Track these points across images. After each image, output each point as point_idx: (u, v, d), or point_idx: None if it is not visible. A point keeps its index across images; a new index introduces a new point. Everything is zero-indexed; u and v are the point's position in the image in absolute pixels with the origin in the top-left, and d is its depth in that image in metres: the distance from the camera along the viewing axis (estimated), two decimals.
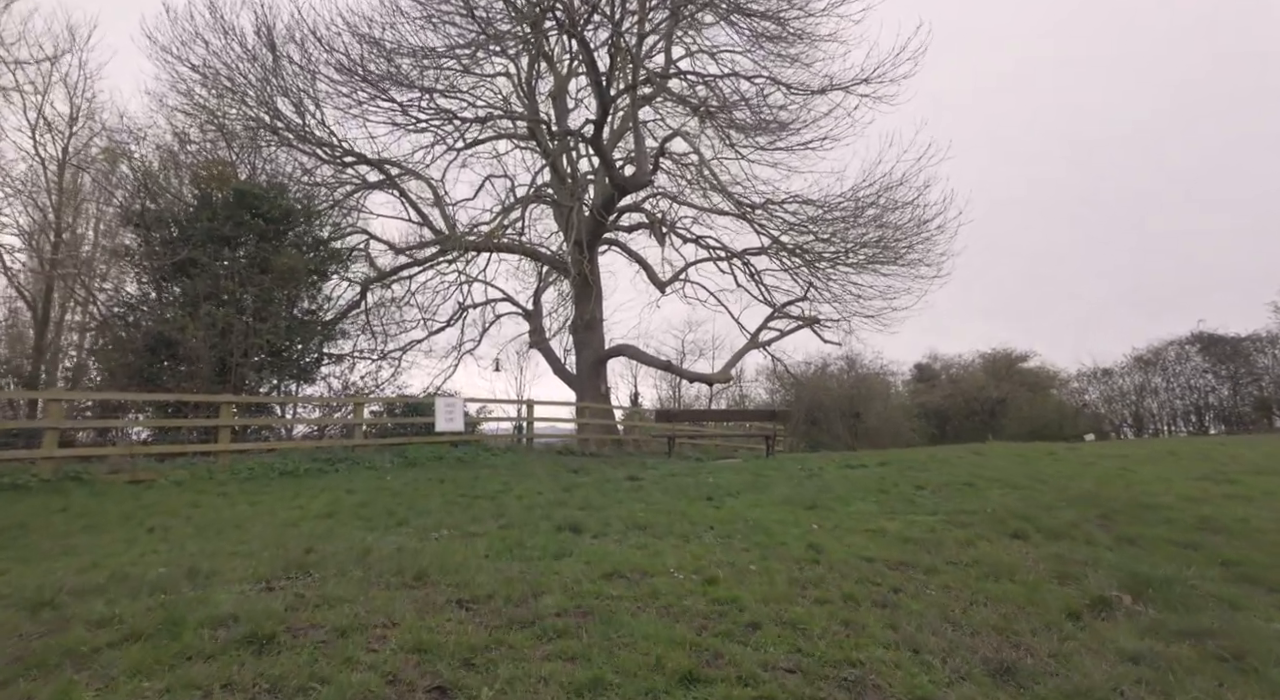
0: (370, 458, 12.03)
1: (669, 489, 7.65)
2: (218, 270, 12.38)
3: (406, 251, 20.10)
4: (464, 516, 5.87)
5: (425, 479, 9.25)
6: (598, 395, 19.23)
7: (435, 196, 17.98)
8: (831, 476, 8.32)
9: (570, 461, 12.41)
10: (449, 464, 11.70)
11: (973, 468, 8.66)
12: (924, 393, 30.18)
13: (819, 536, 4.63)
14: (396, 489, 8.21)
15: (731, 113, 13.59)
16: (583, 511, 6.01)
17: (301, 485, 8.87)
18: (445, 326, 21.22)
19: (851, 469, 9.50)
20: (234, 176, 13.83)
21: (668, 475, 9.30)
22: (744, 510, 5.78)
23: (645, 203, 18.99)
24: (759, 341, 18.94)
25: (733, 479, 8.52)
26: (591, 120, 15.74)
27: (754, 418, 13.50)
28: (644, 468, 10.59)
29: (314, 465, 11.03)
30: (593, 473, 9.90)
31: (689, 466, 10.44)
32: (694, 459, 11.78)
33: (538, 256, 21.11)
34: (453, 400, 13.38)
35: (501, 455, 13.54)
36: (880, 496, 6.42)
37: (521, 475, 9.64)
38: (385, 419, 14.20)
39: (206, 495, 8.01)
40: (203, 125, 14.04)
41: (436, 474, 9.95)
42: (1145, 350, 25.97)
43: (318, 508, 6.86)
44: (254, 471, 10.26)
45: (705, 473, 9.44)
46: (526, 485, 8.49)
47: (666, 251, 16.76)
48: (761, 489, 7.36)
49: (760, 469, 9.78)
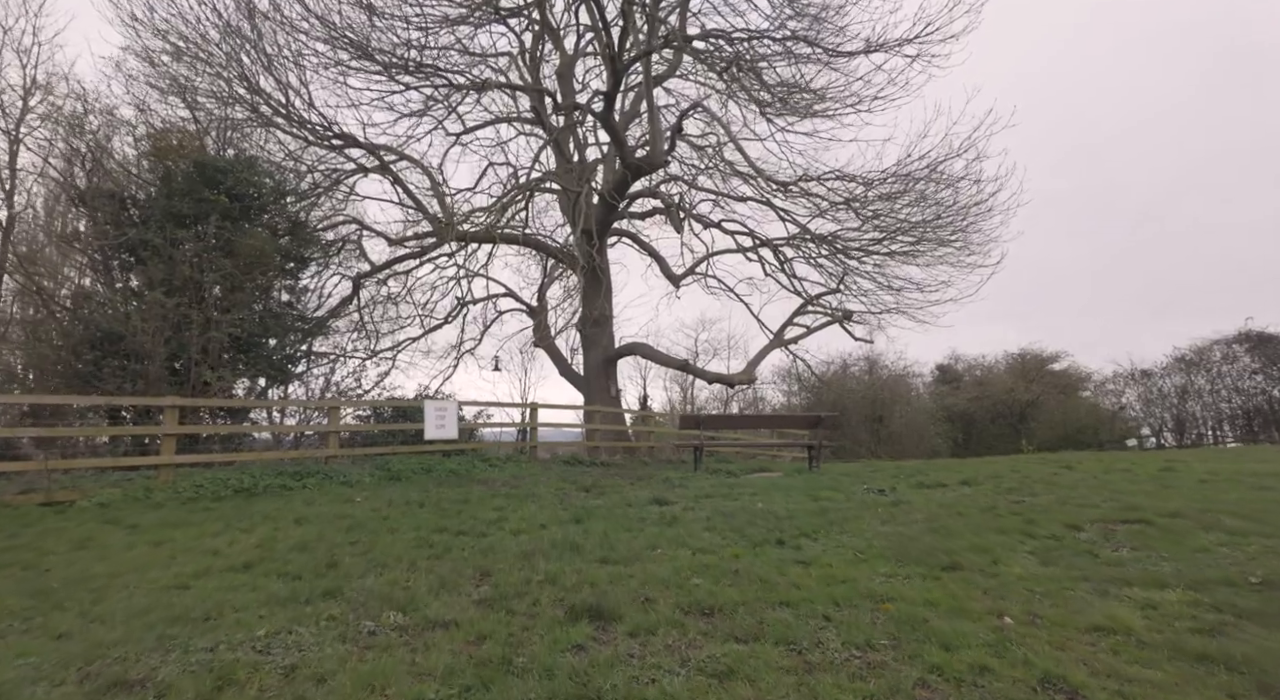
0: (346, 471, 10.10)
1: (713, 521, 5.68)
2: (173, 254, 10.46)
3: (402, 242, 18.22)
4: (430, 578, 3.92)
5: (402, 501, 7.30)
6: (608, 398, 17.27)
7: (432, 183, 16.05)
8: (918, 503, 6.33)
9: (579, 474, 10.45)
10: (437, 479, 9.75)
11: (1103, 489, 6.66)
12: (948, 395, 28.10)
13: (1026, 645, 2.61)
14: (360, 518, 6.26)
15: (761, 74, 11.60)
16: (605, 567, 4.05)
17: (246, 510, 6.93)
18: (443, 323, 19.32)
19: (930, 489, 7.52)
20: (200, 149, 11.93)
21: (701, 496, 7.33)
22: (847, 570, 3.81)
23: (660, 188, 17.05)
24: (784, 339, 16.96)
25: (787, 504, 6.55)
26: (602, 92, 13.84)
27: (793, 424, 11.50)
28: (668, 485, 8.63)
29: (277, 480, 9.12)
30: (608, 492, 7.93)
31: (722, 483, 8.48)
32: (724, 473, 9.82)
33: (543, 248, 19.19)
34: (445, 404, 11.44)
35: (500, 466, 11.59)
36: (1031, 543, 4.43)
37: (521, 496, 7.68)
38: (367, 424, 12.27)
39: (114, 526, 6.08)
40: (165, 92, 12.15)
41: (418, 493, 8.00)
42: (1188, 349, 23.92)
43: (241, 551, 4.91)
44: (201, 489, 8.35)
45: (746, 492, 7.47)
46: (526, 512, 6.53)
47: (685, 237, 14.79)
48: (840, 523, 5.38)
49: (812, 487, 7.81)
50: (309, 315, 13.70)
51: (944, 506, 5.98)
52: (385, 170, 15.53)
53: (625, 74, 13.95)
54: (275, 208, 12.42)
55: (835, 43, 11.63)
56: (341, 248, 18.74)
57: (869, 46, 11.61)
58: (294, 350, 13.09)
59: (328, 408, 10.88)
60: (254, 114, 12.50)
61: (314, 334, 13.58)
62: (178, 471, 9.22)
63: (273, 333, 12.34)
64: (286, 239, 12.49)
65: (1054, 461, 9.88)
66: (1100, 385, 26.37)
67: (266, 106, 12.50)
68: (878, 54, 11.68)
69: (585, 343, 18.36)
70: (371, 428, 12.05)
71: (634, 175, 15.05)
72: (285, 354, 12.89)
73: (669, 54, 14.98)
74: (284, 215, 12.63)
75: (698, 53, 12.33)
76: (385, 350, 18.38)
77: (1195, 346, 23.66)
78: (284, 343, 12.59)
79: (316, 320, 14.15)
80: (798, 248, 15.54)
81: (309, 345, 13.84)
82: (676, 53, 15.25)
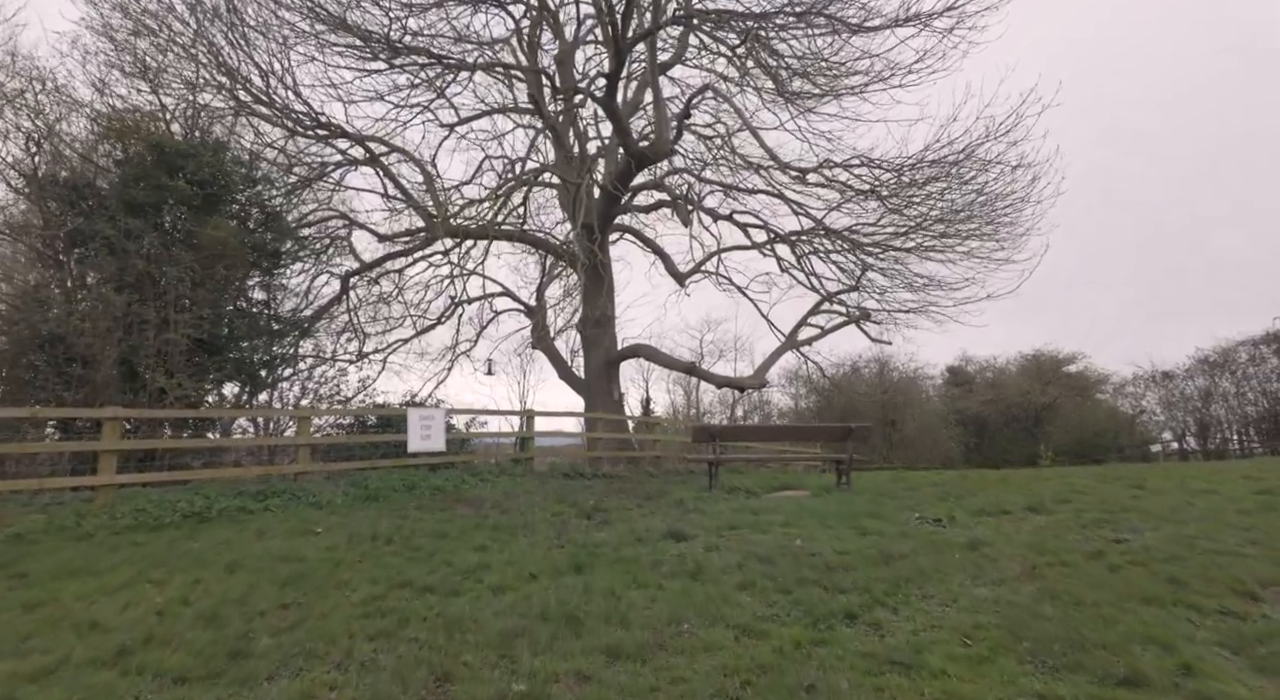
0: (318, 489, 8.85)
1: (748, 570, 4.43)
2: (126, 246, 9.22)
3: (393, 239, 16.98)
4: (362, 688, 2.66)
5: (368, 535, 6.05)
6: (610, 402, 16.01)
7: (424, 175, 14.76)
8: (998, 544, 5.07)
9: (579, 491, 9.20)
10: (419, 499, 8.50)
11: (1219, 523, 5.40)
12: (960, 398, 26.84)
13: None
14: (310, 562, 5.01)
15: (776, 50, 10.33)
16: (613, 668, 2.80)
17: (180, 547, 5.69)
18: (436, 324, 18.05)
19: (992, 517, 6.26)
20: (165, 133, 10.70)
21: (724, 527, 6.08)
22: (971, 681, 2.56)
23: (665, 180, 15.82)
24: (797, 340, 15.71)
25: (833, 541, 5.30)
26: (604, 73, 12.62)
27: (821, 436, 10.18)
28: (682, 509, 7.37)
29: (235, 502, 7.90)
30: (613, 520, 6.67)
31: (745, 507, 7.22)
32: (743, 492, 8.56)
33: (541, 245, 17.95)
34: (431, 412, 10.18)
35: (493, 481, 10.34)
36: (1204, 621, 3.16)
37: (511, 526, 6.42)
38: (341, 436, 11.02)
39: (6, 570, 4.83)
40: (127, 72, 10.91)
41: (392, 521, 6.75)
42: (1211, 351, 22.66)
43: (131, 622, 3.66)
44: (143, 515, 7.10)
45: (776, 522, 6.21)
46: (514, 551, 5.28)
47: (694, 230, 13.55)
48: (916, 580, 4.13)
49: (851, 513, 6.56)
50: (286, 315, 12.46)
51: (1034, 550, 4.72)
52: (375, 163, 14.25)
53: (629, 55, 12.72)
54: (248, 197, 11.18)
55: (860, 18, 10.40)
56: (330, 246, 17.57)
57: (897, 20, 10.37)
58: (270, 354, 11.85)
59: (297, 417, 9.62)
60: (231, 100, 11.23)
61: (291, 335, 12.33)
62: (121, 493, 7.99)
63: (244, 335, 11.11)
64: (260, 232, 11.25)
65: (1116, 478, 8.62)
66: (1119, 388, 25.14)
67: (245, 92, 11.23)
68: (907, 27, 10.44)
69: (586, 344, 17.11)
70: (348, 439, 10.80)
71: (638, 165, 13.83)
72: (260, 358, 11.65)
73: (676, 33, 13.76)
74: (258, 206, 11.39)
75: (710, 27, 11.07)
76: (375, 353, 17.17)
77: (1219, 347, 22.44)
78: (256, 345, 11.35)
79: (294, 321, 12.90)
80: (810, 243, 14.30)
81: (289, 349, 12.58)
82: (684, 33, 14.04)
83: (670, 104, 15.44)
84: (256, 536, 6.17)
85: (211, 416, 10.01)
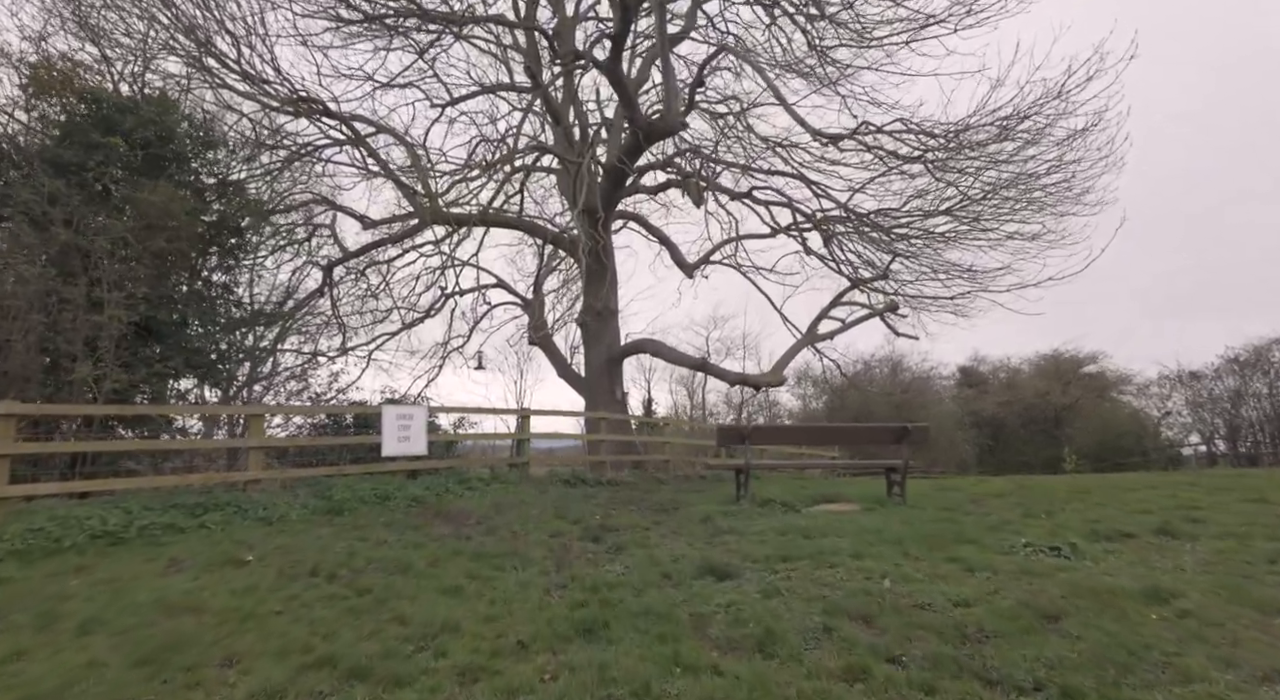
0: (271, 500, 7.32)
1: (839, 632, 2.95)
2: (49, 212, 7.68)
3: (378, 225, 15.45)
4: None
5: (307, 568, 4.53)
6: (612, 401, 14.50)
7: (412, 157, 13.21)
8: (1174, 584, 3.57)
9: (583, 503, 7.69)
10: (390, 512, 6.97)
11: None
12: (974, 399, 25.39)
13: None
14: (212, 613, 3.50)
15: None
16: None
17: (58, 584, 4.19)
18: (425, 317, 16.50)
19: (1114, 541, 4.77)
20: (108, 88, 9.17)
21: (778, 557, 4.56)
22: None
23: (675, 159, 14.35)
24: (818, 334, 14.23)
25: (934, 580, 3.81)
26: (607, 34, 11.17)
27: (870, 438, 8.53)
28: (710, 528, 5.85)
29: (164, 518, 6.39)
30: (628, 543, 5.15)
31: (790, 526, 5.71)
32: (779, 505, 7.05)
33: (539, 233, 16.44)
34: (410, 410, 8.65)
35: (482, 490, 8.80)
36: None
37: (498, 553, 4.89)
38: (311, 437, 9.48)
39: None
40: (66, 24, 9.37)
41: (346, 544, 5.23)
42: (1242, 350, 21.25)
43: None
44: (40, 535, 5.60)
45: (843, 552, 4.71)
46: (499, 593, 3.78)
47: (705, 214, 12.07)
48: (1119, 648, 2.63)
49: (928, 536, 5.06)
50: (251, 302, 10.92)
51: (1252, 605, 3.22)
52: (359, 142, 12.70)
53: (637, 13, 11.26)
54: (203, 165, 9.66)
55: None
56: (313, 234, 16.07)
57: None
58: (231, 345, 10.31)
59: (245, 416, 8.07)
60: (195, 67, 9.65)
61: (261, 326, 10.80)
62: (27, 506, 6.49)
63: (201, 322, 9.57)
64: (218, 204, 9.72)
65: (1224, 489, 7.13)
66: (1143, 388, 23.70)
67: (213, 58, 9.66)
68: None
69: (587, 339, 15.59)
70: (311, 441, 9.25)
71: (646, 139, 12.34)
72: (220, 350, 10.11)
73: None
74: (214, 175, 9.87)
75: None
76: (357, 347, 15.63)
77: (1251, 346, 21.02)
78: (213, 334, 9.81)
79: (262, 311, 11.37)
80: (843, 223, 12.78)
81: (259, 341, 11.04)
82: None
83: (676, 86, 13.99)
84: (164, 569, 4.64)
85: (132, 414, 8.34)
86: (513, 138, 10.89)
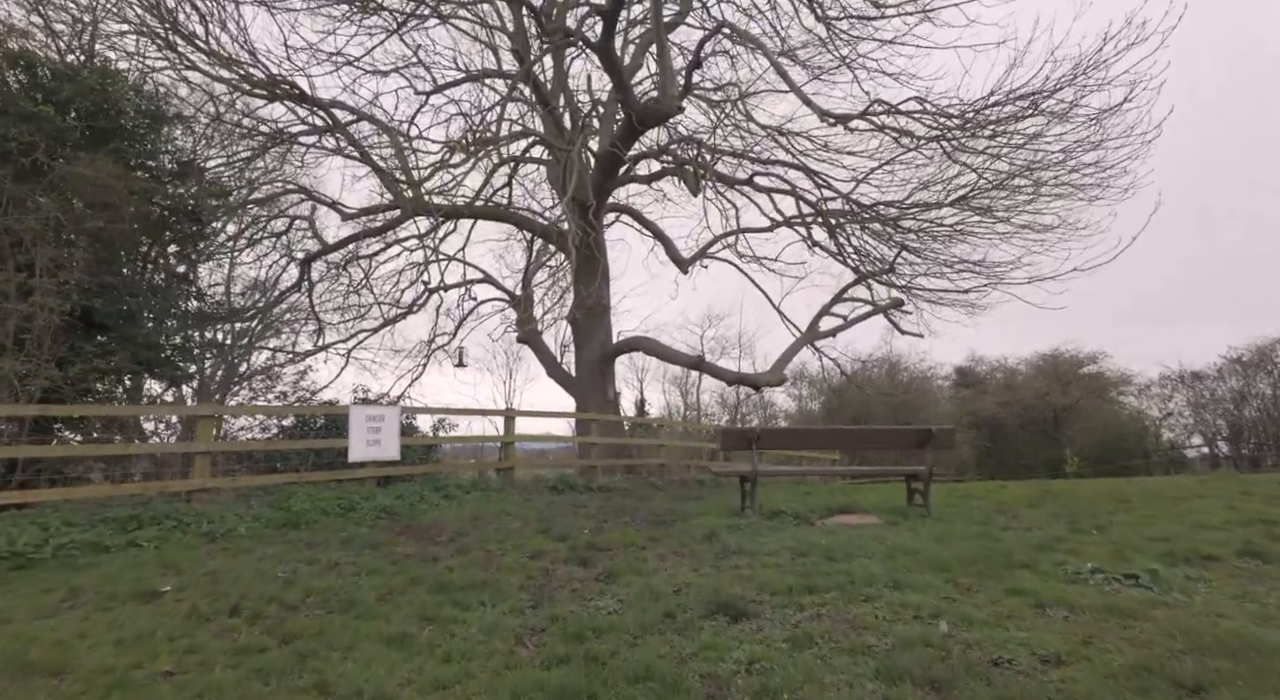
0: (221, 512, 6.49)
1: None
2: None
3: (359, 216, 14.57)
4: None
5: (225, 607, 3.68)
6: (604, 401, 13.69)
7: (393, 143, 12.31)
8: None
9: (570, 515, 6.88)
10: (353, 526, 6.14)
11: None
12: (972, 400, 24.75)
13: None
14: (89, 672, 2.66)
15: None
16: None
17: None
18: (407, 313, 15.63)
19: (1193, 565, 4.02)
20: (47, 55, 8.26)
21: (802, 587, 3.76)
22: None
23: (670, 147, 13.55)
24: (819, 331, 13.50)
25: (1003, 622, 3.04)
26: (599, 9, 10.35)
27: (891, 442, 7.70)
28: (717, 546, 5.04)
29: (86, 535, 5.58)
30: (621, 569, 4.32)
31: (807, 543, 4.92)
32: (790, 517, 6.25)
33: (527, 225, 15.62)
34: (381, 411, 7.79)
35: (459, 499, 7.97)
36: None
37: (466, 583, 4.05)
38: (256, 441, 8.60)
39: None
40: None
41: (287, 568, 4.40)
42: (1245, 350, 20.73)
43: None
44: None
45: (872, 574, 3.93)
46: (459, 641, 2.95)
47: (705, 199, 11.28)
48: None
49: (974, 559, 4.29)
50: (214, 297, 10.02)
51: None
52: (339, 129, 11.79)
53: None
54: (155, 143, 8.76)
55: None
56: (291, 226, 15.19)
57: None
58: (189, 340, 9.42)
59: (189, 417, 7.19)
60: (159, 43, 8.70)
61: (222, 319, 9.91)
62: None
63: (155, 315, 8.67)
64: (172, 185, 8.82)
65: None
66: (1144, 389, 23.14)
67: (179, 37, 8.70)
68: None
69: (578, 336, 14.78)
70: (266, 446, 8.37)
71: (640, 124, 11.56)
72: (179, 345, 9.22)
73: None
74: (168, 153, 8.97)
75: None
76: (335, 344, 14.74)
77: (1255, 346, 20.50)
78: (166, 328, 8.92)
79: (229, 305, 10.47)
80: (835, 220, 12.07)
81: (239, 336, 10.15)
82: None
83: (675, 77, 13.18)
84: (56, 604, 3.79)
85: (55, 414, 7.37)
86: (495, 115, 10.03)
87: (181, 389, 9.77)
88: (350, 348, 15.26)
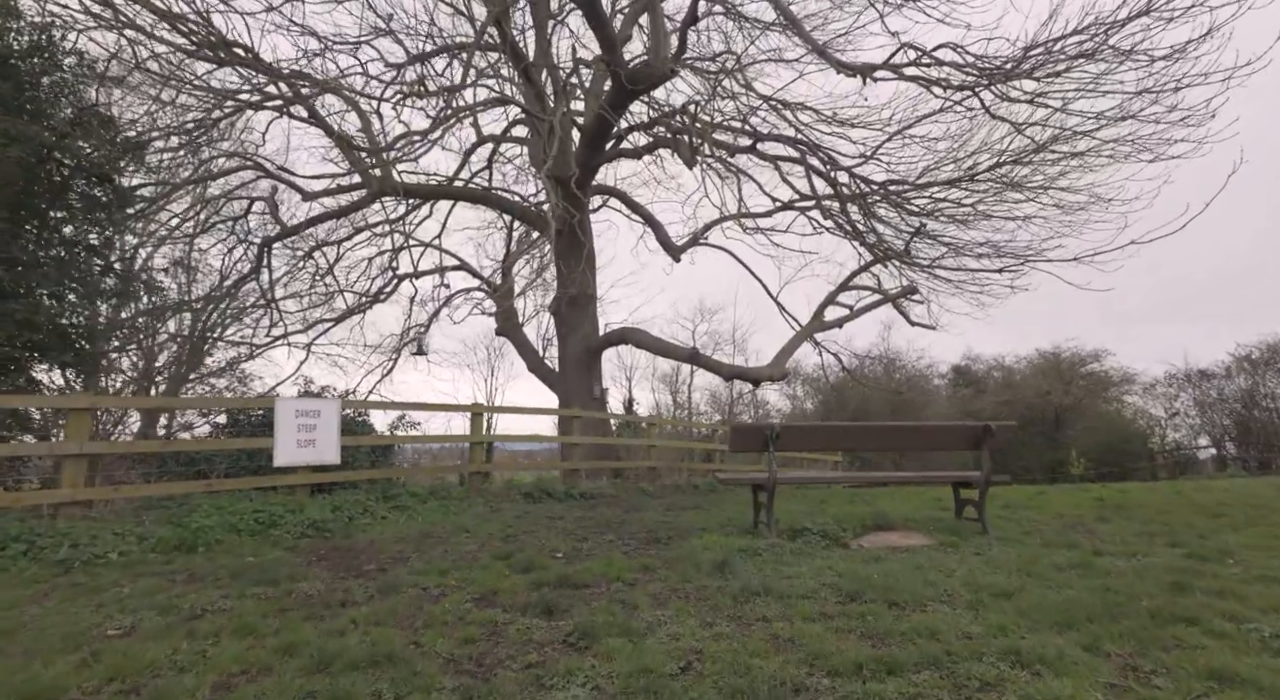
0: (94, 532, 5.04)
1: None
2: None
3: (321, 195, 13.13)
4: None
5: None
6: (590, 400, 12.34)
7: (359, 116, 10.83)
8: None
9: (543, 532, 5.52)
10: (267, 549, 4.75)
11: None
12: (971, 399, 23.68)
13: None
14: None
15: None
16: None
17: None
18: (374, 301, 14.18)
19: None
20: None
21: (875, 667, 2.43)
22: None
23: (662, 120, 12.25)
24: (824, 322, 12.26)
25: None
26: None
27: (940, 439, 6.12)
28: (731, 582, 3.72)
29: None
30: (600, 631, 2.94)
31: (852, 577, 3.62)
32: (817, 536, 4.94)
33: (507, 208, 14.25)
34: (315, 405, 6.39)
35: (411, 512, 6.59)
36: None
37: (358, 665, 2.66)
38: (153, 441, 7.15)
39: None
40: None
41: (131, 615, 2.98)
42: (1254, 347, 19.81)
43: None
44: None
45: (949, 624, 2.62)
46: None
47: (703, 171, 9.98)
48: None
49: (1103, 604, 3.00)
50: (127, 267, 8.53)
51: None
52: (299, 100, 10.29)
53: None
54: (56, 87, 7.28)
55: None
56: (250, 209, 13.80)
57: None
58: (100, 319, 7.93)
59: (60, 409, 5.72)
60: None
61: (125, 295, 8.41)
62: None
63: (50, 290, 7.18)
64: (90, 149, 7.34)
65: None
66: (1149, 388, 22.17)
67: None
68: None
69: (561, 328, 13.43)
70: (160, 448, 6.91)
71: (630, 88, 10.26)
72: (85, 324, 7.73)
73: None
74: (74, 103, 7.49)
75: None
76: (293, 334, 13.26)
77: (1265, 343, 19.58)
78: (71, 306, 7.44)
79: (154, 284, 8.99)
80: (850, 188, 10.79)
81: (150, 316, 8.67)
82: None
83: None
84: None
85: None
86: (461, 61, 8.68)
87: (103, 380, 8.28)
88: (311, 339, 13.79)
